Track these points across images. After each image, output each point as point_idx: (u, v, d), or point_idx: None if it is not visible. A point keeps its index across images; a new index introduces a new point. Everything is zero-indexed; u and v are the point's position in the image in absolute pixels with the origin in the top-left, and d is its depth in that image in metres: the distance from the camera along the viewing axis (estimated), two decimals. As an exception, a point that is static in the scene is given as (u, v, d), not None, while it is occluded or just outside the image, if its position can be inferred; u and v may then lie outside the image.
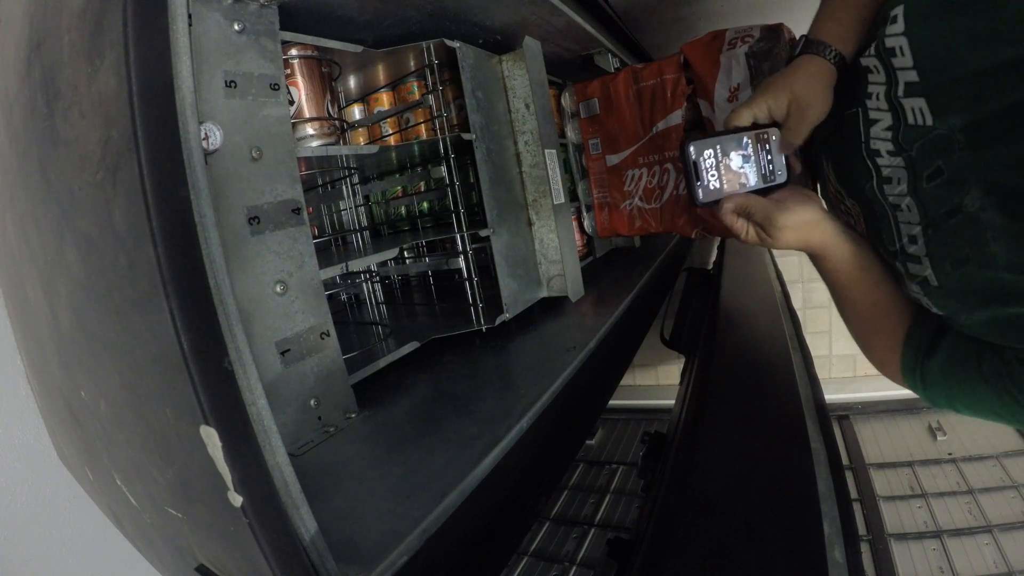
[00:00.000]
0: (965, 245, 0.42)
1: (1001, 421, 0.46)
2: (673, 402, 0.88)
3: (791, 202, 0.55)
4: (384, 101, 0.92)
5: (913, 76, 0.43)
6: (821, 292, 2.64)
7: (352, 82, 0.89)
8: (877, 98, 0.48)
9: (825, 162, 0.60)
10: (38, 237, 0.47)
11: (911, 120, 0.44)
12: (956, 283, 0.44)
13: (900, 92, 0.45)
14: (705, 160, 0.53)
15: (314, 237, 0.57)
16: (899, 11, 0.43)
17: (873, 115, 0.48)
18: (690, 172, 0.53)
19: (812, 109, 0.53)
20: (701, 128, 0.97)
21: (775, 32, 0.82)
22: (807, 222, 0.55)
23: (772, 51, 0.82)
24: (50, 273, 0.46)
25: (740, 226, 0.57)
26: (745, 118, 0.55)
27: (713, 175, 0.54)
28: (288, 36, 0.63)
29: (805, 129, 0.54)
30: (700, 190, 0.53)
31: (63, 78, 0.37)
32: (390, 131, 0.93)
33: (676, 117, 0.97)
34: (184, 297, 0.30)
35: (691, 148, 0.52)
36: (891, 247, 0.50)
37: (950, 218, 0.43)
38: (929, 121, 0.42)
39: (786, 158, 0.58)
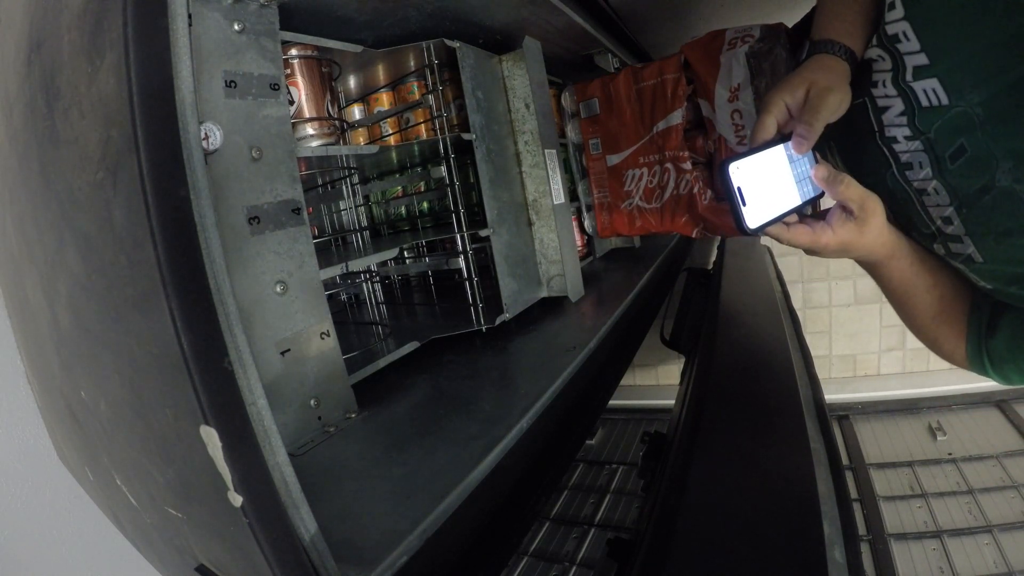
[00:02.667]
0: (1006, 219, 0.41)
1: None
2: (673, 402, 0.88)
3: (866, 215, 0.48)
4: (384, 101, 0.92)
5: (922, 59, 0.42)
6: (821, 292, 2.65)
7: (352, 82, 0.89)
8: (884, 85, 0.47)
9: (829, 152, 0.60)
10: (38, 237, 0.47)
11: (925, 102, 0.43)
12: (1003, 255, 0.43)
13: (909, 76, 0.44)
14: (747, 182, 0.46)
15: (314, 237, 0.57)
16: None
17: (882, 103, 0.48)
18: (734, 198, 0.46)
19: (831, 93, 0.47)
20: (701, 128, 0.97)
21: (775, 32, 0.82)
22: (879, 231, 0.50)
23: (772, 51, 0.82)
24: (50, 273, 0.46)
25: (821, 231, 0.50)
26: (769, 127, 0.50)
27: (758, 198, 0.47)
28: (288, 36, 0.62)
29: (824, 115, 0.47)
30: (747, 218, 0.46)
31: (63, 78, 0.37)
32: (390, 131, 0.93)
33: (676, 117, 0.97)
34: (184, 297, 0.30)
35: (730, 172, 0.45)
36: (925, 230, 0.49)
37: (984, 195, 0.42)
38: (945, 101, 0.42)
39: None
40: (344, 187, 1.05)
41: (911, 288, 0.54)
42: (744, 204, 0.46)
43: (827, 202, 0.57)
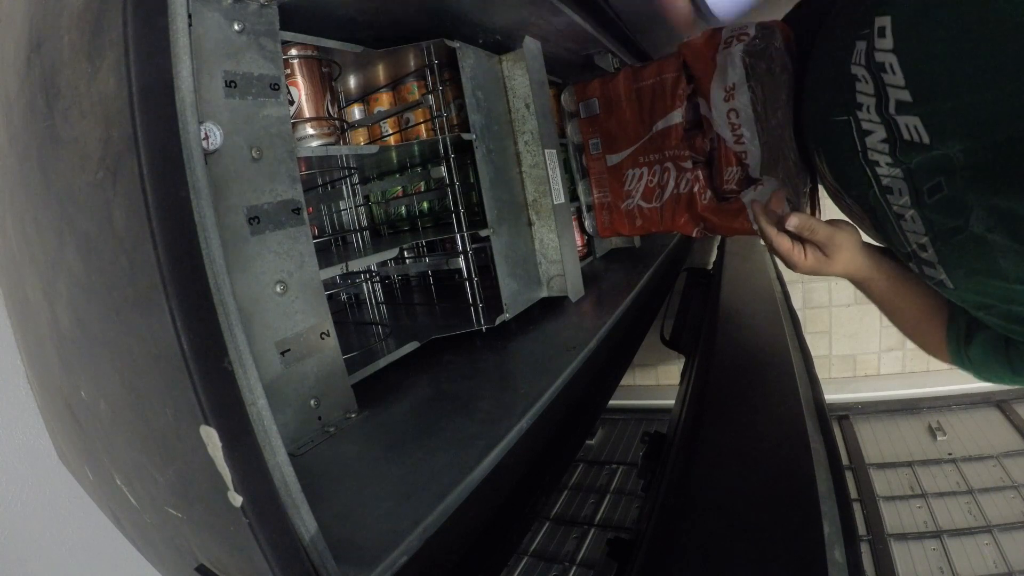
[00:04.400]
0: (975, 260, 0.42)
1: None
2: (673, 402, 0.88)
3: (841, 224, 0.57)
4: (384, 101, 0.92)
5: (906, 96, 0.42)
6: (821, 292, 2.65)
7: (352, 82, 0.89)
8: (868, 110, 0.46)
9: (819, 160, 0.60)
10: (38, 237, 0.47)
11: (906, 136, 0.43)
12: (972, 288, 0.44)
13: (892, 109, 0.43)
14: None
15: (314, 237, 0.57)
16: (887, 24, 0.41)
17: (866, 126, 0.47)
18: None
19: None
20: (701, 127, 0.97)
21: (770, 30, 0.82)
22: (858, 242, 0.57)
23: (767, 50, 0.81)
24: (50, 273, 0.46)
25: (797, 253, 0.58)
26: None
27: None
28: (288, 36, 0.62)
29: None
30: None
31: (63, 78, 0.37)
32: (390, 131, 0.93)
33: (676, 116, 0.97)
34: (184, 297, 0.30)
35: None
36: (902, 249, 0.50)
37: (957, 234, 0.42)
38: (926, 140, 0.41)
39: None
40: (344, 187, 1.05)
41: (891, 302, 0.60)
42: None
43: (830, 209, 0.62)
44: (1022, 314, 0.42)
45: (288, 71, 0.64)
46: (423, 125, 0.88)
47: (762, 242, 0.63)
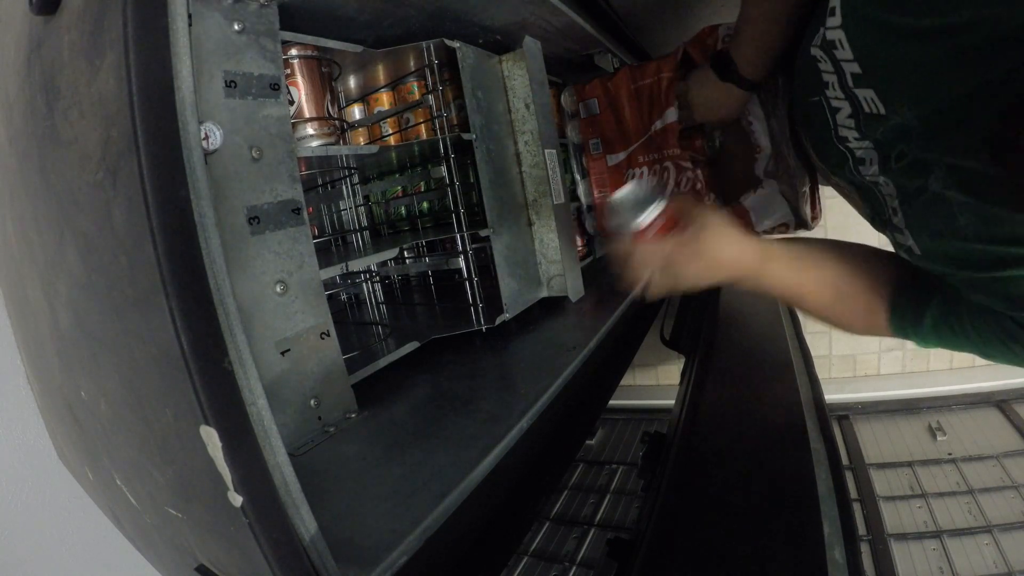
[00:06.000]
0: (937, 220, 0.43)
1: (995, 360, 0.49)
2: (673, 402, 0.88)
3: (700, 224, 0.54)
4: (384, 101, 0.92)
5: (856, 68, 0.44)
6: (821, 292, 2.64)
7: (352, 82, 0.89)
8: (833, 88, 0.48)
9: (806, 143, 0.61)
10: (38, 237, 0.47)
11: (867, 109, 0.45)
12: (935, 251, 0.46)
13: (850, 83, 0.45)
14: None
15: (314, 237, 0.57)
16: (836, 2, 0.43)
17: (835, 103, 0.49)
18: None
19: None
20: (700, 127, 0.97)
21: None
22: (735, 231, 0.54)
23: None
24: (50, 273, 0.46)
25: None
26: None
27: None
28: (288, 36, 0.62)
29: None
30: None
31: (63, 78, 0.37)
32: (390, 131, 0.93)
33: (671, 115, 0.97)
34: (184, 297, 0.30)
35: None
36: (883, 217, 0.51)
37: (920, 195, 0.44)
38: (882, 111, 0.43)
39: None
40: (344, 187, 1.05)
41: (800, 285, 0.57)
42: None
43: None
44: (979, 281, 0.43)
45: (288, 71, 0.64)
46: (423, 125, 0.88)
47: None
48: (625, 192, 0.56)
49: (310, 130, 0.67)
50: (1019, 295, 0.41)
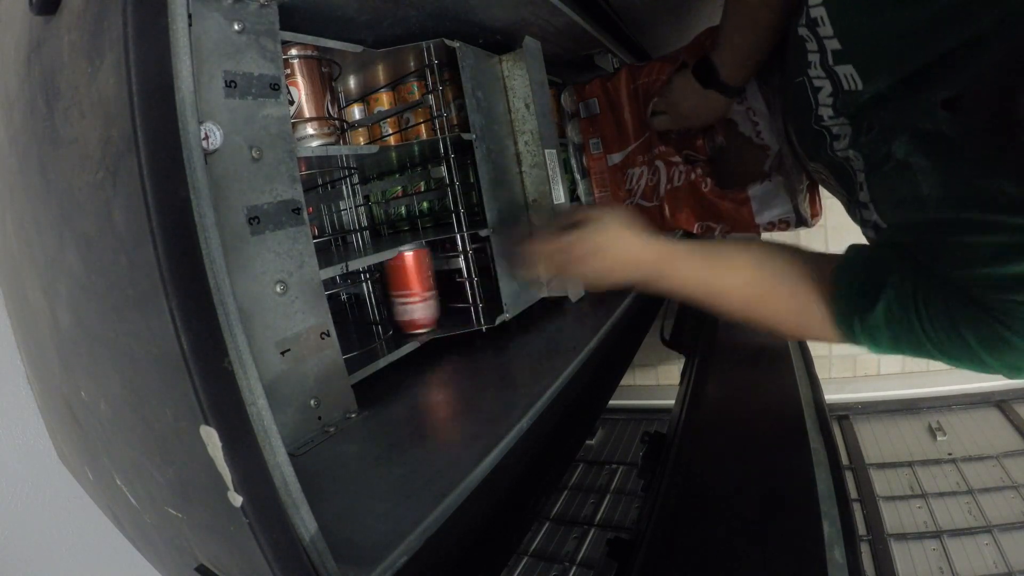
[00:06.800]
0: (901, 187, 0.43)
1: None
2: (673, 402, 0.88)
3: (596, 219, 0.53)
4: (384, 101, 0.92)
5: (836, 45, 0.45)
6: (821, 292, 2.65)
7: (352, 82, 0.89)
8: (815, 67, 0.49)
9: (789, 131, 0.62)
10: (38, 237, 0.47)
11: (846, 86, 0.46)
12: (898, 221, 0.46)
13: (831, 60, 0.46)
14: None
15: (314, 237, 0.57)
16: None
17: (816, 83, 0.50)
18: None
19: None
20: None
21: None
22: (635, 231, 0.52)
23: None
24: (50, 273, 0.46)
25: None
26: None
27: None
28: (288, 36, 0.62)
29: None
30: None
31: (63, 78, 0.37)
32: (390, 131, 0.93)
33: None
34: (184, 297, 0.30)
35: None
36: (853, 196, 0.52)
37: (884, 164, 0.44)
38: (860, 86, 0.44)
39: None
40: (344, 187, 1.04)
41: (709, 285, 0.54)
42: None
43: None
44: (953, 253, 0.41)
45: (288, 71, 0.64)
46: (423, 125, 0.88)
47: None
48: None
49: (310, 130, 0.67)
50: (986, 262, 0.38)
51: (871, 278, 0.47)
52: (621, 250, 0.52)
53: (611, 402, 0.79)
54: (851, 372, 2.71)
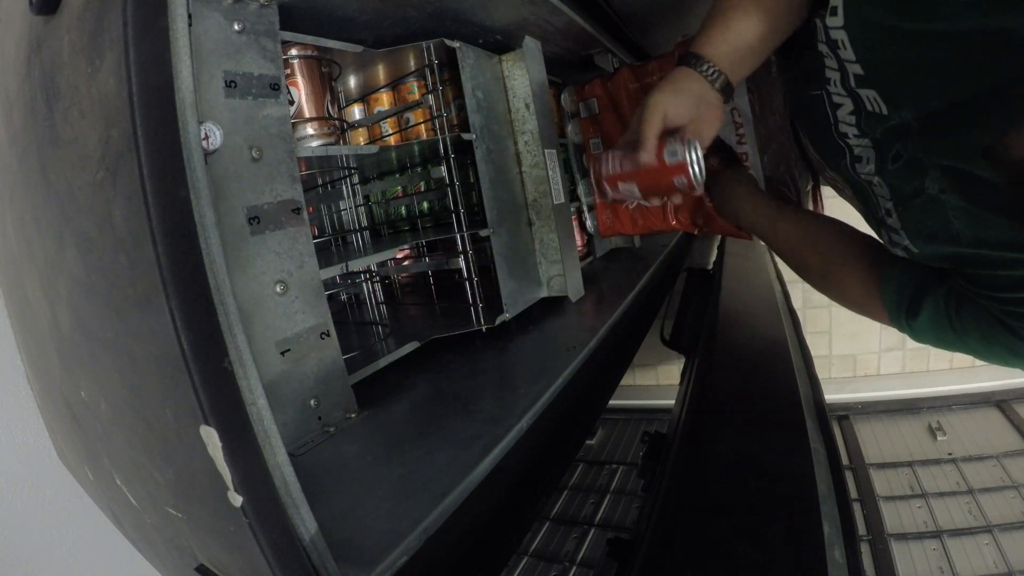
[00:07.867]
0: (932, 222, 0.43)
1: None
2: (673, 402, 0.88)
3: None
4: (384, 101, 0.92)
5: (859, 70, 0.44)
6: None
7: (352, 82, 0.89)
8: (835, 84, 0.48)
9: (802, 135, 0.61)
10: (38, 237, 0.47)
11: (869, 108, 0.45)
12: (931, 253, 0.46)
13: (852, 83, 0.45)
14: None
15: (314, 237, 0.57)
16: (839, 3, 0.43)
17: (836, 99, 0.49)
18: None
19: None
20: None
21: None
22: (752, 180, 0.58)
23: None
24: (50, 273, 0.46)
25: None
26: (649, 152, 0.54)
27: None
28: (288, 36, 0.62)
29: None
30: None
31: (63, 78, 0.37)
32: (390, 131, 0.93)
33: None
34: (184, 297, 0.30)
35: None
36: (876, 215, 0.51)
37: (915, 197, 0.44)
38: (885, 111, 0.43)
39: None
40: (344, 187, 1.05)
41: (800, 251, 0.60)
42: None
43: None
44: (979, 278, 0.43)
45: (288, 71, 0.64)
46: (423, 125, 0.88)
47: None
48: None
49: (310, 130, 0.67)
50: (1010, 288, 0.41)
51: (915, 293, 0.51)
52: (747, 180, 0.61)
53: (611, 402, 0.79)
54: (851, 372, 2.71)
